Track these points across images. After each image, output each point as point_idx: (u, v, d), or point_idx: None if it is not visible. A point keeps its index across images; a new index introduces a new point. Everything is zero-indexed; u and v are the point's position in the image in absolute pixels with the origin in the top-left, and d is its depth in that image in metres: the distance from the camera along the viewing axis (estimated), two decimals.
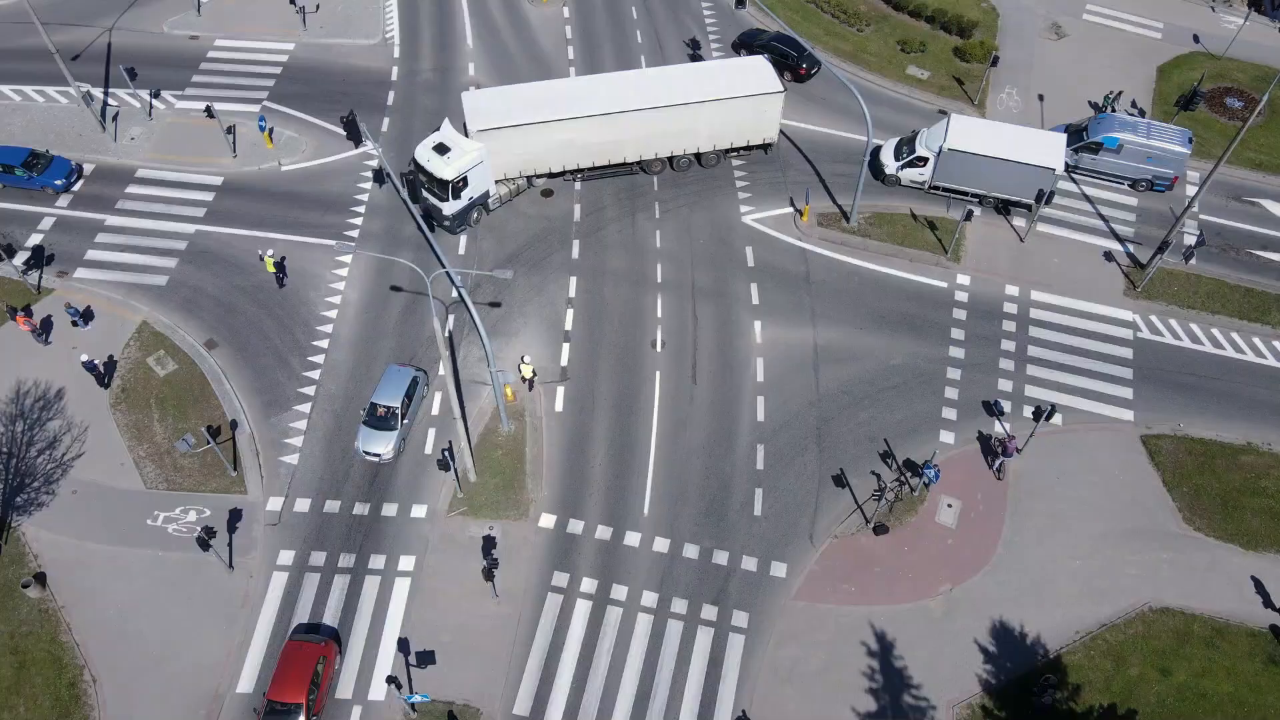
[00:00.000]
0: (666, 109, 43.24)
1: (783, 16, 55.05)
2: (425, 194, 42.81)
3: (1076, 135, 46.61)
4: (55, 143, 47.50)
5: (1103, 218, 46.08)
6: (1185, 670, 32.99)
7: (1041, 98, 51.35)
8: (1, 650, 32.51)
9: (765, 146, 46.58)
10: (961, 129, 44.19)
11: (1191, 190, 46.74)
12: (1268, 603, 34.35)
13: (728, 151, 46.36)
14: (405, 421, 37.11)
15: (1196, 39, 54.98)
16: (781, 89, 44.18)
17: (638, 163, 45.63)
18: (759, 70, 44.77)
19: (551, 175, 45.34)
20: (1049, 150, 43.31)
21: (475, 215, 43.87)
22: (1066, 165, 45.94)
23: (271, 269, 41.74)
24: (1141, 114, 50.43)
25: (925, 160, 44.81)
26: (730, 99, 43.61)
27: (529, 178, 44.96)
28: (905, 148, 45.76)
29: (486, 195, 43.74)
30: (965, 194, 45.53)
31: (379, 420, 36.71)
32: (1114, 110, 50.25)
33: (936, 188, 45.66)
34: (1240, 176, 48.00)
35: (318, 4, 55.02)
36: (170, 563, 34.55)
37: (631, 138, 44.09)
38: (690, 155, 46.04)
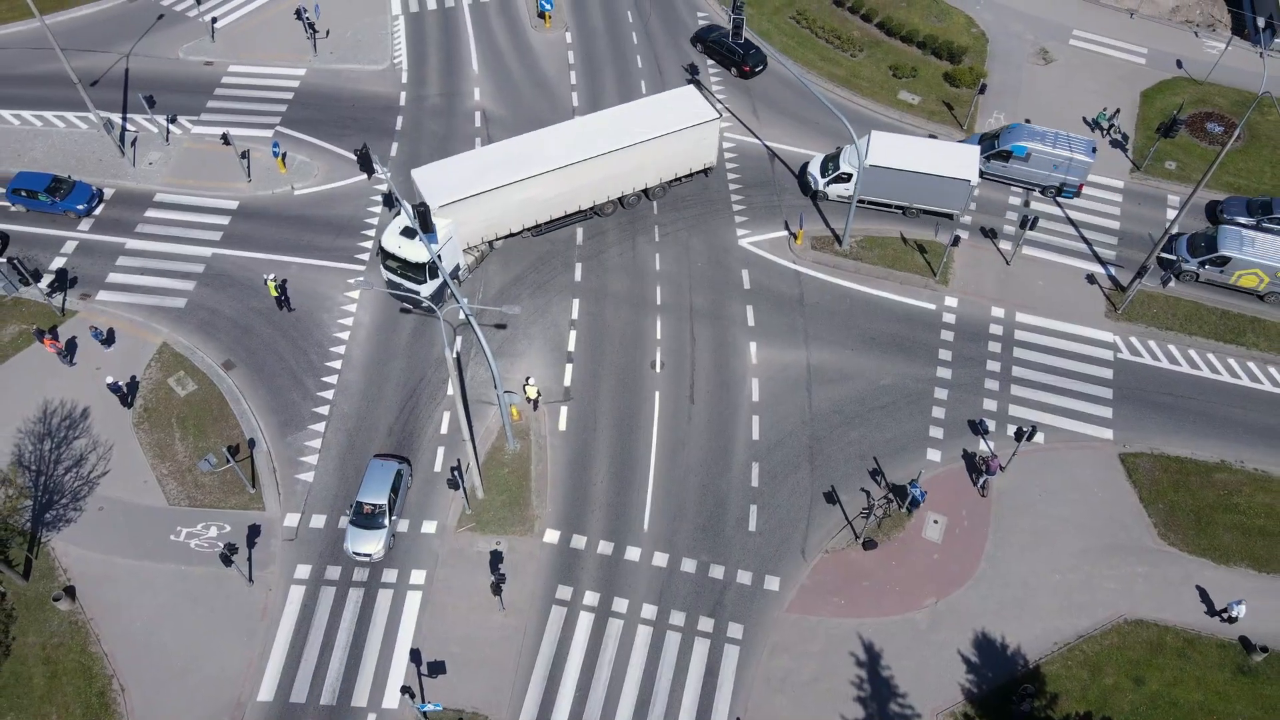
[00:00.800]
0: (617, 152, 43.78)
1: (778, 42, 56.83)
2: (399, 279, 42.08)
3: (990, 144, 48.65)
4: (76, 167, 49.23)
5: (1086, 241, 47.82)
6: (1158, 680, 34.73)
7: (1029, 121, 52.98)
8: (34, 660, 34.27)
9: (706, 170, 48.08)
10: (882, 146, 45.96)
11: (1172, 211, 48.39)
12: (1211, 611, 36.06)
13: (672, 182, 47.65)
14: (393, 518, 36.73)
15: (1179, 64, 56.69)
16: (717, 115, 45.51)
17: (591, 208, 46.29)
18: (692, 100, 45.87)
19: (511, 234, 45.33)
20: (964, 163, 45.31)
21: (451, 292, 43.44)
22: (981, 173, 48.06)
23: (274, 293, 43.39)
24: (1126, 138, 52.18)
25: (850, 176, 46.62)
26: (674, 132, 44.49)
27: (490, 242, 45.29)
28: (831, 164, 47.63)
29: (458, 268, 43.78)
30: (889, 206, 47.47)
31: (366, 519, 36.21)
32: (1111, 127, 52.10)
33: (863, 201, 47.43)
34: (1220, 199, 49.62)
35: (328, 29, 56.73)
36: (193, 577, 36.31)
37: (586, 185, 44.60)
38: (639, 191, 47.07)
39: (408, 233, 41.24)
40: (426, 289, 41.81)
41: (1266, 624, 35.88)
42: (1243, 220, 46.91)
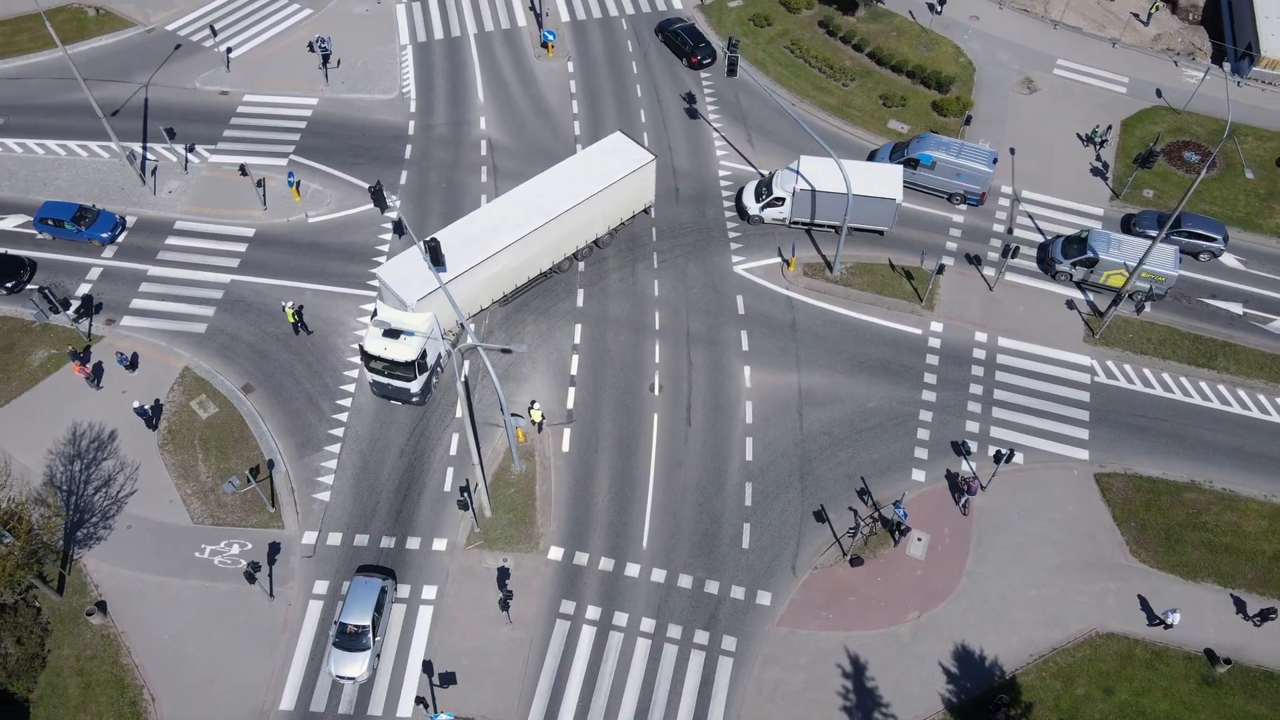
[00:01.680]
0: (572, 209, 44.95)
1: (772, 72, 59.01)
2: (385, 380, 41.99)
3: (900, 152, 51.45)
4: (99, 196, 51.38)
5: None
6: (1127, 690, 36.88)
7: (1013, 151, 55.18)
8: (69, 672, 36.43)
9: (647, 209, 49.93)
10: (811, 170, 48.28)
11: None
12: (1151, 620, 38.27)
13: (618, 227, 49.10)
14: (378, 639, 36.40)
15: (1159, 93, 58.83)
16: (653, 156, 47.03)
17: (551, 267, 47.37)
18: (624, 146, 47.34)
19: (481, 310, 45.75)
20: (889, 183, 47.71)
21: (435, 380, 44.22)
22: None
23: (292, 319, 45.51)
24: (1107, 166, 54.34)
25: (783, 200, 48.87)
26: (619, 180, 45.94)
27: (461, 324, 45.11)
28: (764, 189, 49.83)
29: (439, 357, 44.05)
30: (823, 225, 50.08)
31: (350, 639, 35.94)
32: (1103, 143, 54.51)
33: (796, 223, 49.83)
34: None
35: (339, 59, 58.86)
36: (217, 592, 38.46)
37: (545, 247, 45.57)
38: (590, 243, 48.25)
39: (391, 334, 41.00)
40: (416, 385, 41.93)
41: (1230, 637, 38.03)
42: (1152, 231, 49.46)
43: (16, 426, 42.58)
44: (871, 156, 53.78)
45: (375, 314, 42.25)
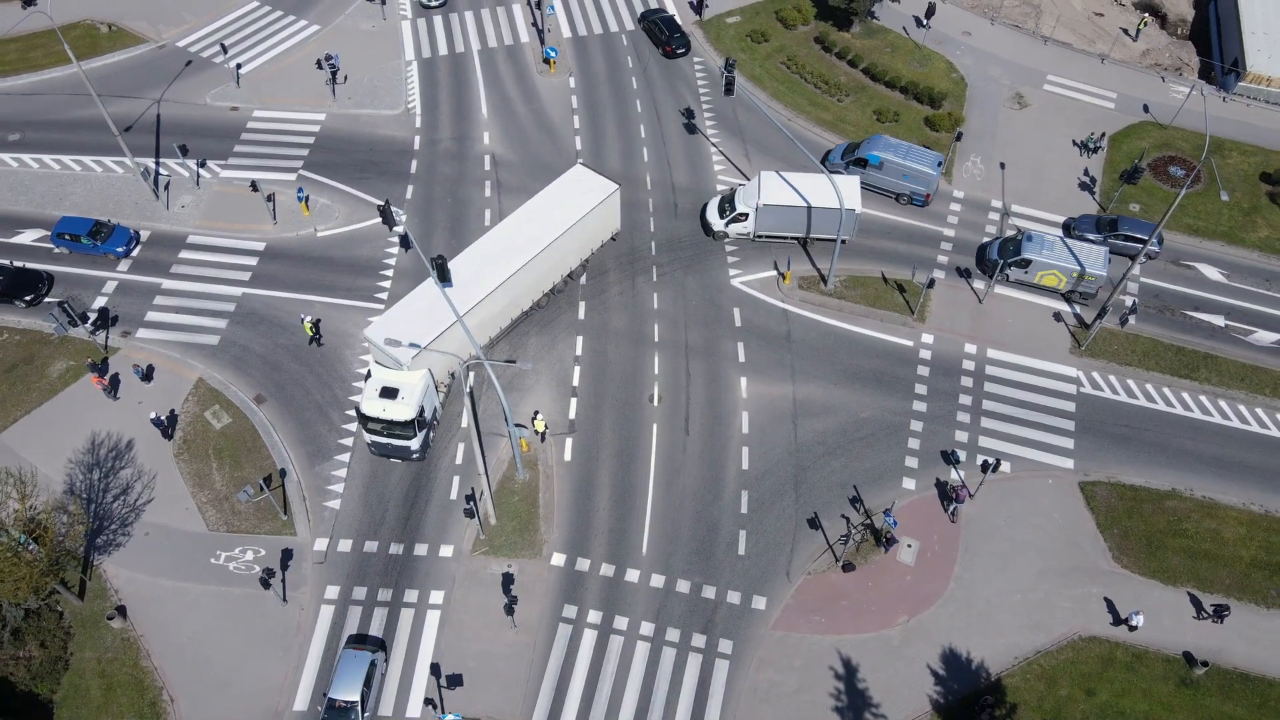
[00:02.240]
0: (548, 248, 45.67)
1: (769, 88, 60.45)
2: (384, 440, 41.97)
3: (852, 152, 53.94)
4: (113, 210, 52.82)
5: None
6: (1108, 691, 38.35)
7: (1003, 165, 56.64)
8: (91, 674, 37.90)
9: (614, 237, 51.07)
10: (771, 185, 49.85)
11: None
12: (1116, 621, 39.79)
13: (589, 259, 50.05)
14: (366, 715, 36.20)
15: (1146, 109, 60.28)
16: (616, 186, 48.15)
17: (533, 306, 48.03)
18: (587, 178, 48.31)
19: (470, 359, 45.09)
20: (848, 194, 48.94)
21: (433, 435, 44.39)
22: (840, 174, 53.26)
23: (309, 332, 47.01)
24: (1095, 181, 55.80)
25: (746, 215, 50.36)
26: (589, 212, 46.95)
27: (452, 374, 45.84)
28: (727, 206, 51.22)
29: (436, 410, 44.17)
30: (786, 237, 51.51)
31: (338, 715, 35.79)
32: (1096, 149, 56.32)
33: (760, 236, 51.36)
34: (1179, 242, 53.31)
35: (345, 75, 60.30)
36: (232, 597, 39.92)
37: (525, 288, 46.17)
38: (564, 277, 48.96)
39: (388, 393, 40.97)
40: (416, 441, 41.97)
41: (1206, 638, 39.50)
42: (1091, 235, 51.51)
43: (37, 436, 44.03)
44: (825, 157, 55.52)
45: (369, 375, 42.26)
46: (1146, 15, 67.59)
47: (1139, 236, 51.09)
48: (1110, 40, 65.24)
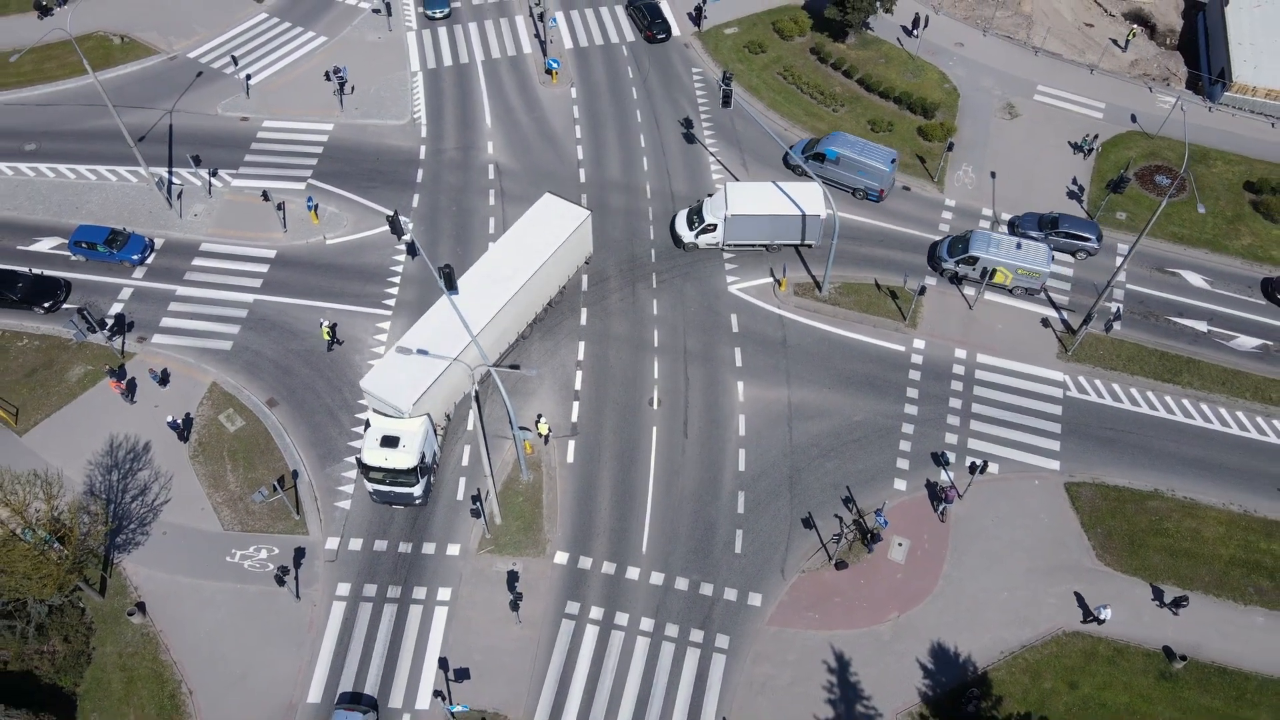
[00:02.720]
0: (531, 279, 46.42)
1: (765, 98, 61.97)
2: (386, 489, 42.07)
3: (812, 146, 56.20)
4: (128, 219, 54.33)
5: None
6: (1090, 684, 39.87)
7: (994, 175, 58.16)
8: (113, 667, 39.43)
9: (588, 261, 52.14)
10: (738, 196, 51.34)
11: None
12: (1086, 615, 41.36)
13: (565, 286, 50.89)
14: None
15: (1134, 119, 61.78)
16: (587, 213, 49.26)
17: (518, 338, 48.80)
18: (558, 207, 49.14)
19: (465, 397, 46.67)
20: (812, 200, 50.84)
21: (433, 479, 44.51)
22: (800, 171, 56.10)
23: (327, 336, 48.50)
24: (1083, 190, 57.30)
25: (715, 226, 51.75)
26: (566, 240, 47.90)
27: (448, 415, 46.29)
28: (695, 218, 52.52)
29: (435, 455, 44.35)
30: (755, 245, 53.07)
31: None
32: (1091, 150, 58.06)
33: (729, 246, 52.83)
34: (1164, 249, 54.81)
35: (353, 86, 61.79)
36: (247, 594, 41.45)
37: (511, 320, 46.80)
38: (545, 305, 49.73)
39: (389, 442, 41.10)
40: (419, 488, 42.19)
41: (1185, 633, 41.02)
42: (1034, 233, 53.48)
43: (57, 438, 45.55)
44: (787, 153, 57.47)
45: (368, 425, 42.50)
46: (1135, 26, 69.10)
47: (1079, 234, 53.18)
48: (1100, 51, 66.75)
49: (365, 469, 41.34)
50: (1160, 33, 70.64)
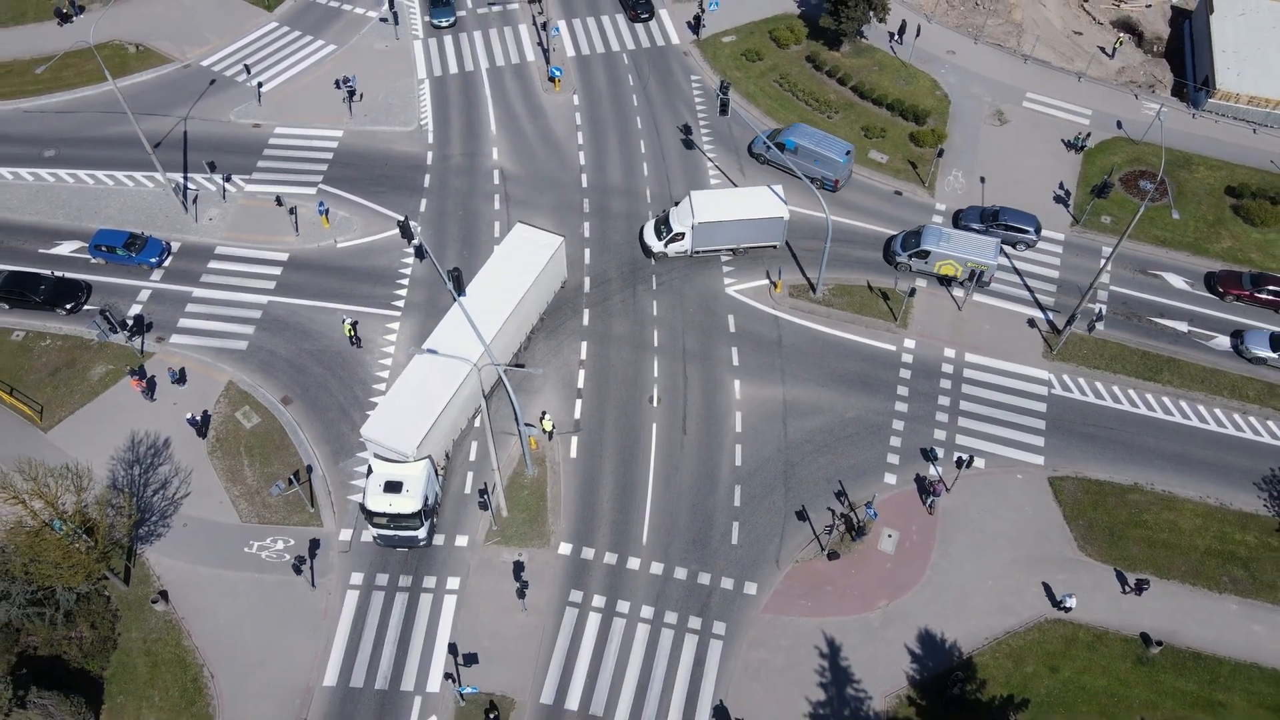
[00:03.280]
0: (517, 308, 47.05)
1: (762, 105, 63.85)
2: (390, 533, 42.52)
3: (774, 135, 59.04)
4: (146, 223, 56.21)
5: (1029, 289, 54.80)
6: (1070, 668, 41.74)
7: (983, 179, 60.03)
8: (138, 652, 41.32)
9: (563, 284, 52.89)
10: (704, 203, 52.97)
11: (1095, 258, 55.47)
12: (1052, 603, 43.25)
13: (544, 313, 51.50)
14: None
15: (1119, 125, 63.65)
16: (561, 239, 50.14)
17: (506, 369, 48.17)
18: (531, 235, 49.86)
19: (462, 433, 47.45)
20: (774, 204, 52.82)
21: (436, 520, 44.87)
22: (764, 159, 59.23)
23: (349, 333, 50.38)
24: (1069, 194, 59.15)
25: (683, 234, 53.46)
26: (545, 266, 48.71)
27: (448, 453, 46.86)
28: (663, 227, 54.01)
29: (437, 495, 44.68)
30: (722, 250, 54.93)
31: None
32: (1083, 147, 60.34)
33: (698, 252, 54.57)
34: (1147, 252, 56.69)
35: (361, 94, 63.66)
36: (265, 583, 43.33)
37: (499, 352, 46.98)
38: (527, 334, 50.28)
39: (392, 487, 41.53)
40: (423, 531, 42.68)
41: (1162, 620, 42.91)
42: (976, 225, 55.82)
43: (81, 435, 47.40)
44: (751, 143, 60.44)
45: (370, 471, 42.61)
46: (1122, 34, 70.93)
47: (1018, 226, 55.50)
48: (1088, 58, 68.57)
49: (369, 514, 41.76)
50: (1148, 40, 72.44)
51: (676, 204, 54.68)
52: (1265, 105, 63.66)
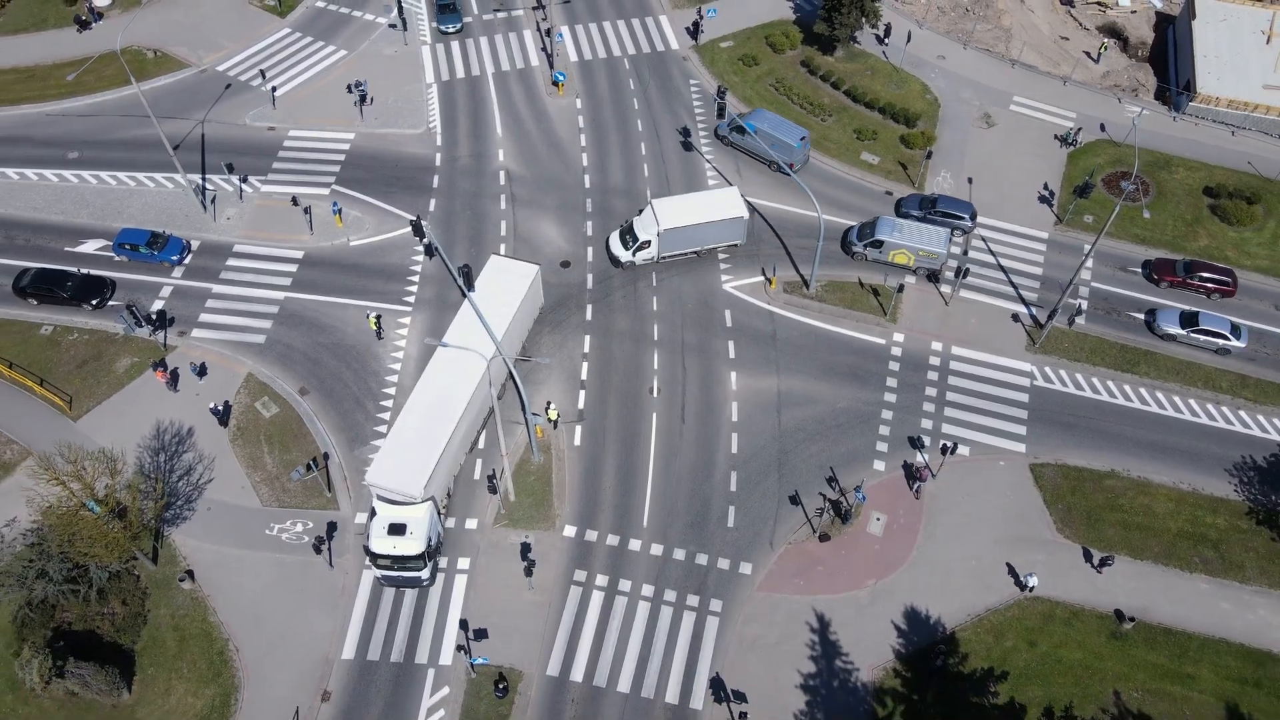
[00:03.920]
0: (502, 339, 47.16)
1: (758, 107, 66.16)
2: (394, 574, 43.29)
3: (734, 119, 61.98)
4: (166, 222, 58.60)
5: (1013, 285, 57.19)
6: (1047, 642, 44.14)
7: (971, 180, 62.41)
8: (167, 628, 43.74)
9: (540, 309, 53.68)
10: (667, 210, 54.78)
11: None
12: (1017, 582, 45.57)
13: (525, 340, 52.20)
14: None
15: (1103, 128, 66.02)
16: (537, 267, 51.49)
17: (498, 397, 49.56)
18: (508, 266, 50.92)
19: (461, 467, 48.10)
20: (734, 204, 55.22)
21: (439, 560, 45.52)
22: (727, 140, 62.60)
23: (374, 326, 52.77)
24: (1053, 194, 61.51)
25: (650, 242, 55.22)
26: (525, 294, 49.78)
27: (449, 490, 47.57)
28: (629, 238, 55.61)
29: (440, 535, 45.27)
30: (687, 253, 56.86)
31: None
32: (1075, 141, 63.07)
33: (664, 258, 56.61)
34: (1127, 249, 59.08)
35: (372, 98, 66.05)
36: (286, 563, 45.73)
37: (499, 366, 47.87)
38: (514, 361, 49.47)
39: (396, 529, 42.47)
40: (426, 571, 43.49)
41: (1135, 598, 45.30)
42: (915, 212, 58.70)
43: (108, 424, 49.77)
44: (716, 127, 64.02)
45: (373, 513, 43.54)
46: (1107, 40, 73.26)
47: (953, 213, 58.33)
48: (1073, 63, 70.93)
49: (373, 556, 42.67)
50: (1132, 45, 74.75)
51: (639, 213, 56.29)
52: (1244, 108, 66.01)
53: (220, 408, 49.82)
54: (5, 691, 41.76)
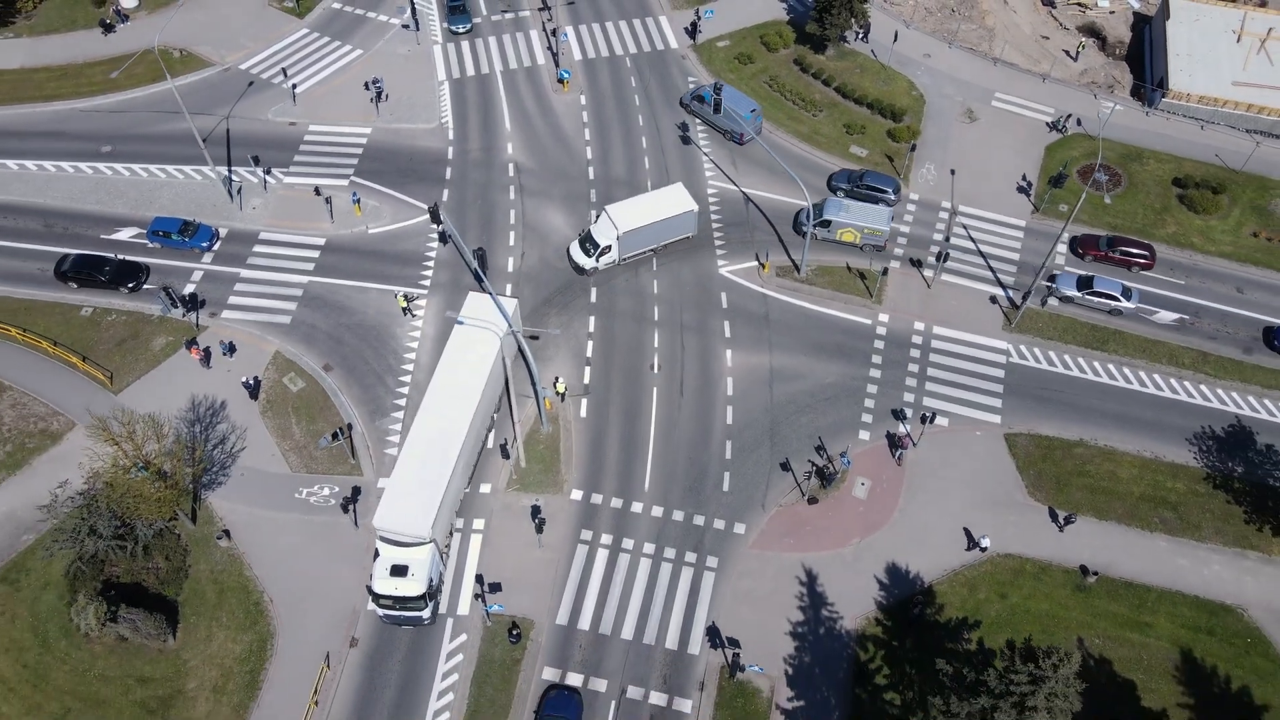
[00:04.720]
0: (490, 374, 48.97)
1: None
2: (396, 613, 44.22)
3: (694, 91, 67.53)
4: (196, 211, 62.28)
5: (991, 269, 60.90)
6: (1018, 595, 47.87)
7: (953, 172, 66.10)
8: (206, 581, 47.48)
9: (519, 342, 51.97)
10: (622, 214, 57.22)
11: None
12: (970, 544, 49.10)
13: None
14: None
15: (1079, 122, 69.69)
16: (515, 301, 52.88)
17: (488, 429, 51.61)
18: (482, 302, 51.25)
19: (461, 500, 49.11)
20: (682, 200, 58.57)
21: (440, 599, 46.43)
22: (690, 109, 67.47)
23: (403, 305, 56.41)
24: (1031, 185, 65.25)
25: (610, 247, 57.81)
26: (505, 333, 49.56)
27: (453, 528, 48.81)
28: (590, 245, 57.82)
29: (441, 575, 46.39)
30: (644, 252, 59.49)
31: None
32: (1065, 129, 66.97)
33: (626, 259, 59.03)
34: (1099, 235, 62.71)
35: (387, 94, 69.71)
36: (314, 524, 49.45)
37: (481, 417, 49.20)
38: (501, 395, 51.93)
39: (398, 571, 43.41)
40: (427, 612, 44.48)
41: (1099, 555, 49.03)
42: (844, 186, 62.97)
43: (147, 397, 53.38)
44: (682, 98, 69.26)
45: (377, 554, 44.65)
46: (1084, 39, 76.97)
47: (878, 186, 62.63)
48: (1053, 61, 74.62)
49: (376, 598, 43.84)
50: (1110, 44, 78.42)
51: (595, 220, 58.92)
52: (1213, 104, 69.68)
53: (251, 382, 53.51)
54: (59, 638, 45.49)
